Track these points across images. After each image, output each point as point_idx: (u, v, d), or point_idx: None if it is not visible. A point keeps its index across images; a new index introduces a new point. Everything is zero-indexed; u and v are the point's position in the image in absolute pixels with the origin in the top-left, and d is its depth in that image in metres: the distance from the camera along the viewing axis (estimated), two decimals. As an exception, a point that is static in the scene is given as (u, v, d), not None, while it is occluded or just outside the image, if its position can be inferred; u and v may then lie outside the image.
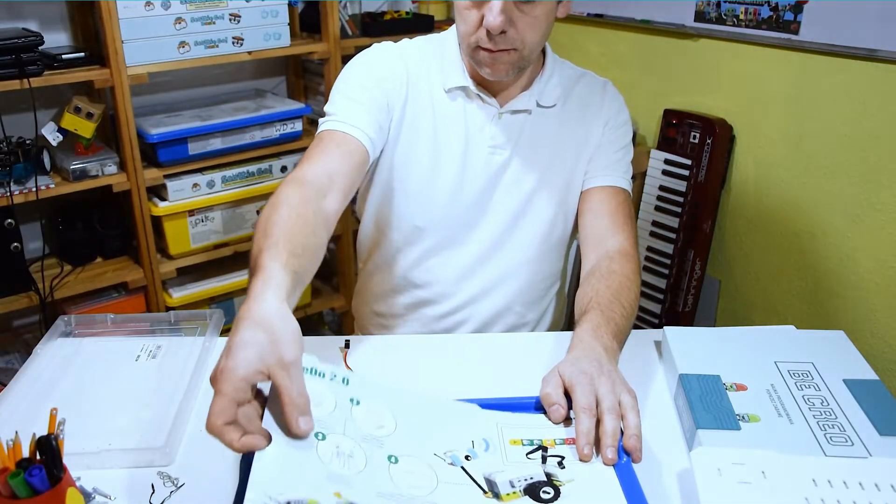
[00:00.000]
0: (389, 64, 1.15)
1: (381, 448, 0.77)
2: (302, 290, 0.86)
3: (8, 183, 1.74)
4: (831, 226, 1.78)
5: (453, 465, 0.78)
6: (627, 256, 1.11)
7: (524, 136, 1.18)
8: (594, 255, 1.13)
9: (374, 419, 0.80)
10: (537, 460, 0.80)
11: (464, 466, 0.78)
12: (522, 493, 0.76)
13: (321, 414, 0.75)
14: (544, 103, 1.18)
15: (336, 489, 0.69)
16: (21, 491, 0.68)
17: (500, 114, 1.16)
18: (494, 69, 1.09)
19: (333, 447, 0.73)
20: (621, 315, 1.01)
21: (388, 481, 0.73)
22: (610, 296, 1.03)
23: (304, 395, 0.73)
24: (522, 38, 1.05)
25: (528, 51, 1.08)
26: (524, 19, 1.04)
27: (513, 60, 1.07)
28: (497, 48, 1.05)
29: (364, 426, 0.78)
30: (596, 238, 1.16)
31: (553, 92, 1.19)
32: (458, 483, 0.76)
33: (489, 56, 1.07)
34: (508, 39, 1.04)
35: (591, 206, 1.20)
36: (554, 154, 1.19)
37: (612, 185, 1.20)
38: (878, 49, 1.59)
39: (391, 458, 0.76)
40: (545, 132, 1.19)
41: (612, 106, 1.23)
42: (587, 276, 1.11)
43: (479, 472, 0.77)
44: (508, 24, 1.03)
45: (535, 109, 1.18)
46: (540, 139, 1.19)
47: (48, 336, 1.07)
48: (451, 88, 1.15)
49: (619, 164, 1.22)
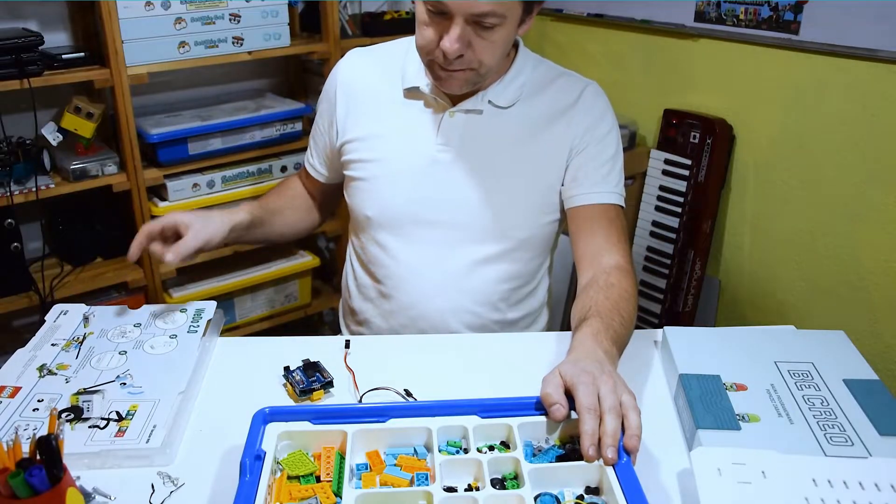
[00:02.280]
0: (330, 82, 1.29)
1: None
2: (259, 228, 1.31)
3: (8, 183, 1.74)
4: (831, 226, 1.78)
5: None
6: (625, 272, 1.11)
7: (474, 135, 1.18)
8: (591, 271, 1.13)
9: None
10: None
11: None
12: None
13: None
14: (499, 103, 1.18)
15: None
16: (21, 491, 0.68)
17: (452, 112, 1.18)
18: (448, 85, 1.11)
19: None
20: (620, 324, 1.01)
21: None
22: (610, 306, 1.03)
23: (186, 239, 1.12)
24: (479, 60, 1.07)
25: (485, 70, 1.09)
26: (481, 43, 1.05)
27: (467, 78, 1.10)
28: (452, 68, 1.07)
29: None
30: (591, 256, 1.15)
31: (513, 93, 1.18)
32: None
33: (444, 73, 1.09)
34: (465, 61, 1.06)
35: (584, 224, 1.18)
36: (512, 154, 1.18)
37: (602, 202, 1.18)
38: (878, 49, 1.59)
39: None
40: (500, 132, 1.18)
41: (591, 111, 1.20)
42: (584, 288, 1.10)
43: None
44: (466, 48, 1.04)
45: (487, 109, 1.18)
46: (493, 139, 1.18)
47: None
48: (407, 88, 1.20)
49: (609, 177, 1.19)
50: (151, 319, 1.12)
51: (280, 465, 0.80)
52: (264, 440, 0.81)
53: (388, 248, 1.23)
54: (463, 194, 1.19)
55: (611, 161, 1.20)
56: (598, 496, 0.79)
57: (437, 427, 0.84)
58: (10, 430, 0.88)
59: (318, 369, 1.00)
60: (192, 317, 1.12)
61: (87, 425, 0.90)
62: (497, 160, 1.18)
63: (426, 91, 1.18)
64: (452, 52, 1.03)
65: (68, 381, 0.98)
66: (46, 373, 0.99)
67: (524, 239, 1.22)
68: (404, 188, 1.20)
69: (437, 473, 0.78)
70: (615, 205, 1.19)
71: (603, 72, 2.25)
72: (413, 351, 1.11)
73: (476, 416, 0.86)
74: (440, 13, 1.03)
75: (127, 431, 0.89)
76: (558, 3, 2.33)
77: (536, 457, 0.83)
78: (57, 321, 1.12)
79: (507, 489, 0.78)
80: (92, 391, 0.94)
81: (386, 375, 0.99)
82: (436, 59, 1.07)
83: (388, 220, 1.22)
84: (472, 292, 1.22)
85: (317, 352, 1.04)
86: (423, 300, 1.23)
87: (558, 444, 0.85)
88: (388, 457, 0.83)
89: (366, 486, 0.78)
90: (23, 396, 0.95)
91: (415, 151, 1.19)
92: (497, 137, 1.18)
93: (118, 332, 1.09)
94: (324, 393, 0.98)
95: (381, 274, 1.25)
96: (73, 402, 0.93)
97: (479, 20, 1.02)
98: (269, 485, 0.76)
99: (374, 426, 0.84)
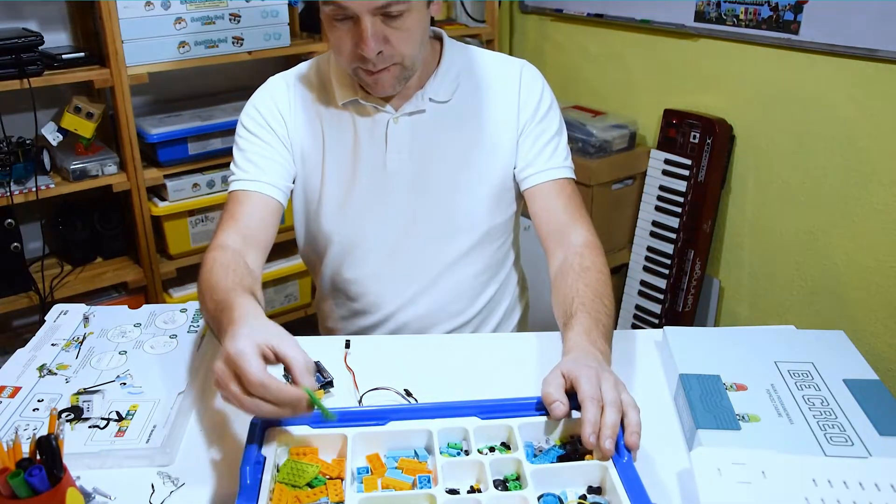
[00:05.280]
0: (265, 104, 1.17)
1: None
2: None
3: (8, 183, 1.74)
4: (831, 226, 1.78)
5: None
6: (594, 247, 1.12)
7: (423, 135, 1.16)
8: (561, 252, 1.13)
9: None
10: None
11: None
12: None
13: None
14: (438, 99, 1.16)
15: None
16: (21, 491, 0.68)
17: (396, 118, 1.15)
18: (380, 87, 1.09)
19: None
20: (606, 315, 1.01)
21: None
22: (592, 295, 1.03)
23: (308, 360, 0.78)
24: (400, 52, 1.05)
25: (410, 61, 1.07)
26: (396, 34, 1.03)
27: (396, 74, 1.07)
28: (377, 69, 1.05)
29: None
30: (557, 235, 1.15)
31: (448, 87, 1.16)
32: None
33: (371, 77, 1.07)
34: (386, 58, 1.04)
35: (542, 203, 1.18)
36: (463, 147, 1.18)
37: (555, 178, 1.18)
38: (878, 49, 1.59)
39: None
40: (446, 127, 1.17)
41: (531, 91, 1.19)
42: (561, 275, 1.10)
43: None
44: (383, 44, 1.02)
45: (429, 107, 1.16)
46: (441, 136, 1.17)
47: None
48: (344, 103, 1.16)
49: (557, 153, 1.19)
50: (151, 319, 1.12)
51: (281, 477, 0.79)
52: (263, 445, 0.81)
53: (356, 267, 1.22)
54: (422, 198, 1.18)
55: (556, 136, 1.20)
56: (600, 496, 0.79)
57: (437, 429, 0.84)
58: (10, 430, 0.88)
59: (318, 369, 0.99)
60: (192, 317, 1.12)
61: (87, 425, 0.90)
62: (450, 156, 1.17)
63: (364, 103, 1.15)
64: (371, 52, 1.01)
65: (68, 381, 0.98)
66: (46, 373, 0.99)
67: (488, 230, 1.21)
68: (363, 204, 1.18)
69: (439, 475, 0.78)
70: (569, 178, 1.20)
71: (603, 72, 2.25)
72: (413, 351, 1.11)
73: (476, 417, 0.86)
74: (345, 18, 1.01)
75: (127, 431, 0.89)
76: (558, 3, 2.33)
77: (538, 457, 0.83)
78: (57, 321, 1.12)
79: (510, 490, 0.78)
80: (92, 391, 0.94)
81: (386, 375, 0.99)
82: (359, 64, 1.05)
83: (351, 239, 1.20)
84: (448, 292, 1.22)
85: (317, 352, 1.03)
86: (400, 310, 1.23)
87: (559, 444, 0.85)
88: (389, 460, 0.83)
89: (367, 489, 0.78)
90: (23, 396, 0.95)
91: (368, 165, 1.17)
92: (445, 133, 1.17)
93: (118, 332, 1.09)
94: (324, 393, 0.98)
95: (353, 292, 1.24)
96: (73, 402, 0.93)
97: (384, 11, 1.00)
98: (270, 490, 0.76)
99: (374, 429, 0.84)
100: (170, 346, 1.05)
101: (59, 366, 1.01)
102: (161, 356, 1.03)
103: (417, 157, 1.16)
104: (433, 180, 1.17)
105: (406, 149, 1.16)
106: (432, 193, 1.18)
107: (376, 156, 1.16)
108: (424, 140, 1.16)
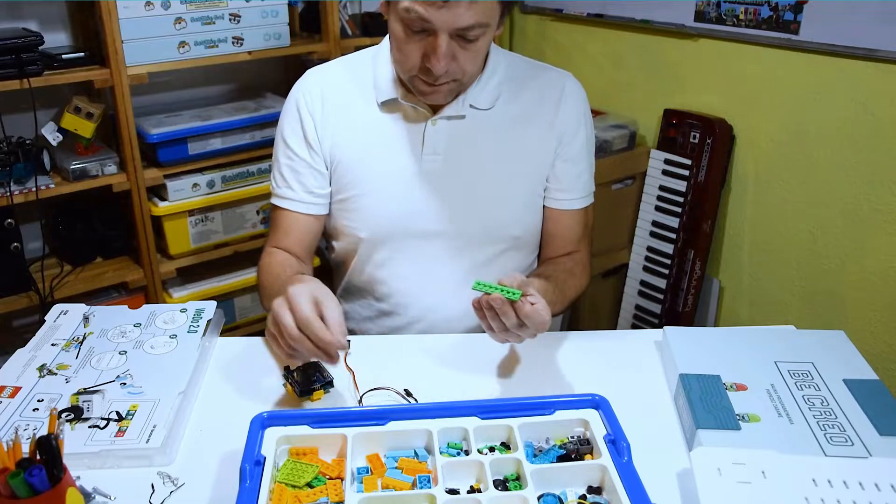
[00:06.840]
0: (291, 110, 1.21)
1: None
2: None
3: (8, 183, 1.74)
4: (831, 226, 1.78)
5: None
6: (585, 267, 1.25)
7: (459, 140, 1.16)
8: (554, 255, 1.27)
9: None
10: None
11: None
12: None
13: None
14: (479, 106, 1.16)
15: None
16: (21, 491, 0.68)
17: (434, 120, 1.15)
18: (433, 98, 1.10)
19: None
20: (563, 296, 1.14)
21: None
22: (564, 277, 1.17)
23: (343, 324, 0.88)
24: (463, 69, 1.06)
25: (469, 78, 1.09)
26: (465, 54, 1.03)
27: (452, 88, 1.09)
28: (438, 83, 1.06)
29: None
30: (560, 251, 1.26)
31: (490, 94, 1.17)
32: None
33: (428, 87, 1.07)
34: (449, 73, 1.04)
35: (562, 224, 1.25)
36: (499, 154, 1.18)
37: (582, 207, 1.25)
38: (878, 49, 1.59)
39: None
40: (484, 135, 1.17)
41: (576, 107, 1.21)
42: (548, 261, 1.25)
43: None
44: (451, 61, 1.03)
45: (469, 113, 1.16)
46: (478, 142, 1.17)
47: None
48: (384, 101, 1.16)
49: (589, 178, 1.26)
50: (151, 319, 1.12)
51: (280, 477, 0.79)
52: (263, 445, 0.81)
53: (386, 267, 1.22)
54: (456, 202, 1.18)
55: (588, 156, 1.24)
56: (600, 496, 0.79)
57: (437, 429, 0.84)
58: (10, 430, 0.88)
59: (318, 369, 0.99)
60: (192, 317, 1.12)
61: (87, 425, 0.90)
62: (485, 162, 1.18)
63: (404, 102, 1.15)
64: (442, 69, 1.02)
65: (68, 381, 0.98)
66: (46, 373, 0.99)
67: (518, 236, 1.23)
68: (397, 204, 1.18)
69: (439, 475, 0.78)
70: (588, 208, 1.27)
71: (603, 72, 2.25)
72: (413, 351, 1.11)
73: (476, 417, 0.86)
74: (423, 31, 1.01)
75: (127, 431, 0.89)
76: (558, 3, 2.33)
77: (537, 457, 0.83)
78: (57, 321, 1.11)
79: (510, 490, 0.78)
80: (92, 391, 0.94)
81: (386, 375, 0.99)
82: (422, 75, 1.06)
83: (383, 239, 1.20)
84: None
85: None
86: (429, 312, 1.23)
87: (559, 444, 0.85)
88: (389, 459, 0.83)
89: (367, 489, 0.78)
90: (23, 396, 0.94)
91: (402, 165, 1.17)
92: (482, 140, 1.17)
93: (118, 332, 1.09)
94: (324, 393, 0.98)
95: (381, 292, 1.24)
96: (73, 402, 0.93)
97: (463, 33, 1.00)
98: (270, 490, 0.76)
99: (374, 429, 0.84)
100: (170, 346, 1.05)
101: (59, 366, 1.01)
102: (161, 356, 1.03)
103: (453, 161, 1.17)
104: (468, 185, 1.18)
105: (442, 152, 1.16)
106: (466, 198, 1.18)
107: (412, 156, 1.17)
108: (461, 145, 1.17)
